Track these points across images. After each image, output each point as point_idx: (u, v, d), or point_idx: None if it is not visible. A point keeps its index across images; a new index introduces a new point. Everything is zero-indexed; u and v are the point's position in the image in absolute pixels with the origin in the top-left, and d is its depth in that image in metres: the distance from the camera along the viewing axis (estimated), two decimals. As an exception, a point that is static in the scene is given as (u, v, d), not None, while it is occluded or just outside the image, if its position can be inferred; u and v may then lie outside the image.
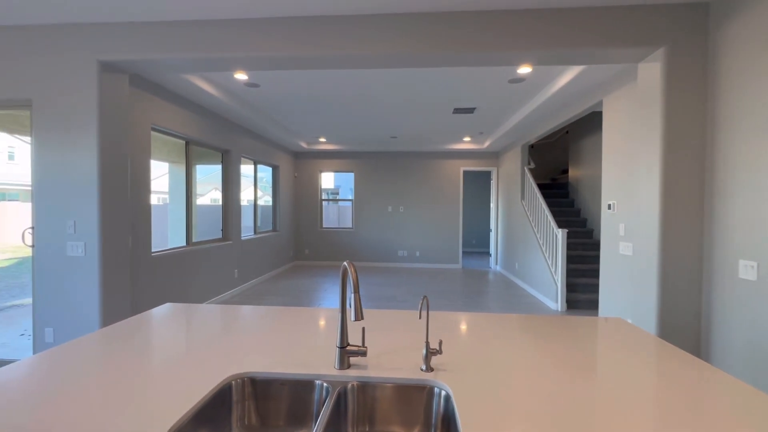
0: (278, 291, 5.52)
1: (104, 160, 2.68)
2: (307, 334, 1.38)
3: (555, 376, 1.07)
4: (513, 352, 1.24)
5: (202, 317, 1.58)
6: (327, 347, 1.25)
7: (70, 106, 2.64)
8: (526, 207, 5.95)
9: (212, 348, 1.23)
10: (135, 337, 1.32)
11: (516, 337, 1.37)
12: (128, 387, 0.97)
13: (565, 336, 1.40)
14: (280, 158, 7.08)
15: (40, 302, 2.70)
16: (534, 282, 5.45)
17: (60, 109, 2.65)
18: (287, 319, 1.59)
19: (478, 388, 0.99)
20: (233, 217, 5.20)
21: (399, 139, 7.05)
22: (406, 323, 1.57)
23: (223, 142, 4.87)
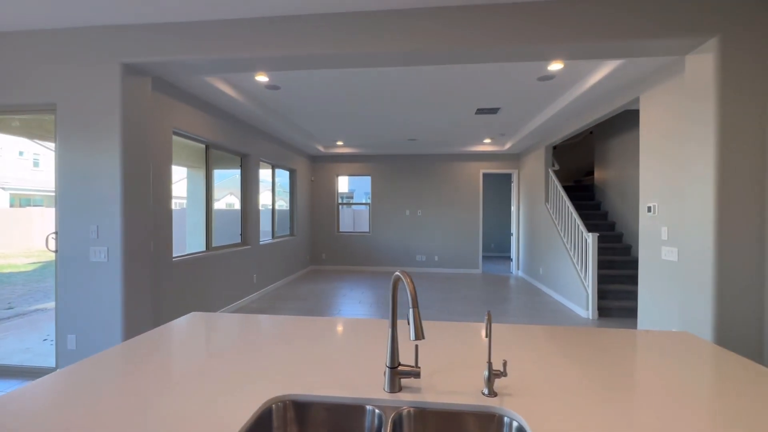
0: (297, 296, 5.44)
1: (127, 165, 2.64)
2: (350, 350, 1.26)
3: (640, 401, 0.92)
4: (583, 371, 1.10)
5: (231, 328, 1.48)
6: (373, 366, 1.13)
7: (93, 109, 2.61)
8: (550, 210, 5.74)
9: (248, 365, 1.12)
10: (162, 351, 1.23)
11: (581, 354, 1.23)
12: (158, 412, 0.87)
13: (633, 352, 1.25)
14: (297, 162, 7.05)
15: (63, 308, 2.66)
16: (561, 288, 5.23)
17: (83, 113, 2.62)
18: (324, 332, 1.47)
19: (554, 417, 0.86)
20: (252, 221, 5.15)
21: (417, 142, 6.93)
22: (453, 336, 1.43)
23: (242, 145, 4.84)
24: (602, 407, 0.90)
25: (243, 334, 1.41)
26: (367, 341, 1.34)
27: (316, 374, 1.06)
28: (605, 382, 1.03)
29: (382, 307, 4.82)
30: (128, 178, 2.65)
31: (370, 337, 1.40)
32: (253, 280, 5.21)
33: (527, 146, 6.70)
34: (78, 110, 2.62)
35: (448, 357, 1.20)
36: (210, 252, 4.19)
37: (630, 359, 1.19)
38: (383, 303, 5.06)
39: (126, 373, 1.06)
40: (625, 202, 5.41)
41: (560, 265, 5.23)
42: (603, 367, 1.13)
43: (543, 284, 5.96)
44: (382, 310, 4.71)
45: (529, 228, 6.75)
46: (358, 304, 4.98)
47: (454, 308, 4.81)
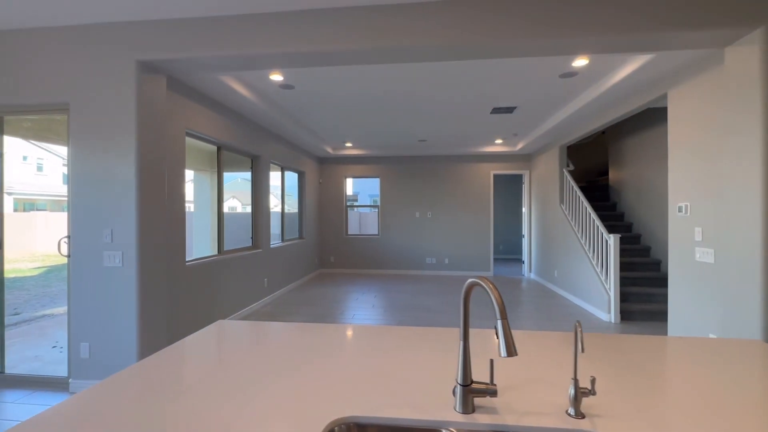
0: (309, 300, 5.33)
1: (143, 166, 2.54)
2: (411, 364, 1.15)
3: (753, 425, 0.81)
4: (669, 387, 0.98)
5: (267, 340, 1.37)
6: (439, 382, 1.02)
7: (107, 109, 2.52)
8: (566, 211, 5.63)
9: (299, 382, 1.02)
10: (196, 367, 1.12)
11: (658, 368, 1.11)
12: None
13: (713, 364, 1.13)
14: (305, 164, 6.96)
15: (76, 315, 2.56)
16: (579, 291, 5.11)
17: (97, 113, 2.53)
18: (377, 342, 1.36)
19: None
20: (263, 224, 5.06)
21: (427, 143, 6.83)
22: (520, 347, 1.30)
23: (253, 147, 4.75)
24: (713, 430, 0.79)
25: (283, 346, 1.30)
26: (427, 354, 1.23)
27: (377, 392, 0.96)
28: (701, 400, 0.92)
29: (397, 312, 4.70)
30: (144, 180, 2.55)
31: (430, 348, 1.29)
32: (264, 284, 5.10)
33: (540, 146, 6.59)
34: (92, 110, 2.53)
35: (521, 371, 1.09)
36: (222, 256, 4.09)
37: (716, 372, 1.08)
38: (397, 307, 4.94)
39: (158, 393, 0.95)
40: (644, 203, 5.29)
41: (578, 267, 5.11)
42: (690, 383, 1.02)
43: (558, 287, 5.83)
44: (396, 314, 4.59)
45: (542, 230, 6.63)
46: (371, 309, 4.86)
47: (476, 313, 4.69)
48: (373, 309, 4.84)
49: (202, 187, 4.44)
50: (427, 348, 1.28)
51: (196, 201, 4.43)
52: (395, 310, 4.76)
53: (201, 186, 4.41)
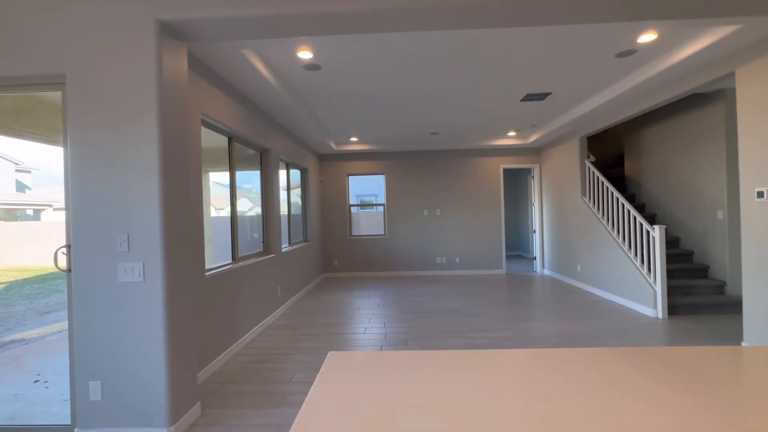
0: (324, 309, 4.84)
1: (167, 154, 2.02)
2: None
3: None
4: None
5: (417, 373, 0.93)
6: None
7: (119, 81, 1.98)
8: (591, 204, 5.43)
9: None
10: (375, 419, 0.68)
11: None
12: None
13: None
14: (308, 161, 6.44)
15: (83, 345, 2.00)
16: (612, 286, 4.90)
17: (105, 87, 1.98)
18: (569, 370, 0.93)
19: None
20: (274, 226, 4.52)
21: (437, 137, 6.49)
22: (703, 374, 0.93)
23: (263, 139, 4.21)
24: None
25: (439, 379, 0.87)
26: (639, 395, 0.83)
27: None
28: None
29: (430, 318, 4.30)
30: (169, 171, 2.03)
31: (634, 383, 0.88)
32: (278, 293, 4.57)
33: (554, 138, 6.39)
34: (97, 83, 1.98)
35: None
36: (237, 264, 3.55)
37: None
38: (427, 313, 4.54)
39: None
40: (670, 194, 5.16)
41: (611, 261, 4.91)
42: None
43: (583, 282, 5.63)
44: (432, 320, 4.19)
45: (558, 224, 6.44)
46: (400, 315, 4.44)
47: (502, 314, 4.37)
48: (403, 315, 4.42)
49: (207, 187, 3.89)
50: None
51: (207, 203, 3.86)
52: (428, 316, 4.36)
53: (206, 186, 3.86)
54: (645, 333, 3.58)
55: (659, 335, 3.51)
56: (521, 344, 3.34)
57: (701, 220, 4.64)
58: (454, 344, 3.39)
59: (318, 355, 3.23)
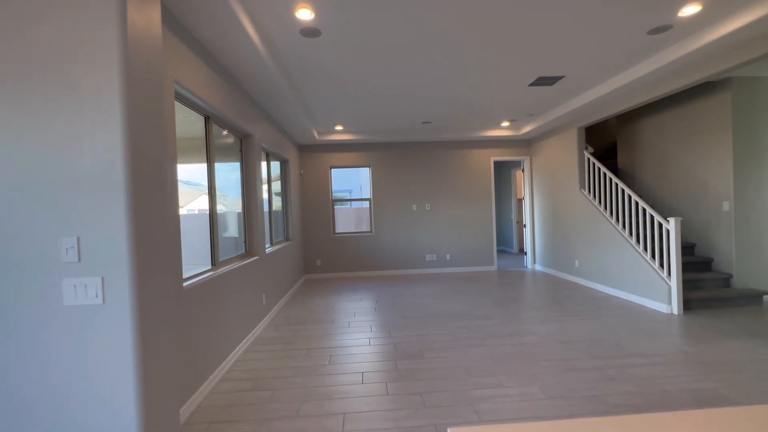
0: (316, 318, 4.29)
1: (133, 126, 1.43)
2: None
3: None
4: None
5: None
6: None
7: (60, 28, 1.36)
8: (591, 197, 5.25)
9: None
10: None
11: None
12: None
13: None
14: (289, 151, 5.81)
15: (6, 397, 1.38)
16: (618, 282, 4.73)
17: (40, 35, 1.36)
18: None
19: None
20: (257, 225, 3.91)
21: (429, 126, 6.09)
22: None
23: (245, 122, 3.59)
24: None
25: None
26: None
27: None
28: None
29: (443, 324, 3.89)
30: (137, 150, 1.45)
31: None
32: (263, 301, 3.97)
33: (549, 129, 6.18)
34: (26, 30, 1.35)
35: None
36: (218, 270, 2.94)
37: None
38: (434, 317, 4.13)
39: None
40: (668, 186, 5.07)
41: (614, 256, 4.73)
42: None
43: (583, 278, 5.46)
44: (447, 327, 3.78)
45: (552, 218, 6.26)
46: (404, 321, 3.99)
47: (506, 315, 4.05)
48: (406, 321, 3.98)
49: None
50: None
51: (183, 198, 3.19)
52: (435, 321, 3.95)
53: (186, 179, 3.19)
54: (671, 331, 3.37)
55: (687, 333, 3.31)
56: (553, 351, 3.00)
57: (704, 211, 4.56)
58: (477, 354, 3.00)
59: (322, 376, 2.71)
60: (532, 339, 3.30)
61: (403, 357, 3.01)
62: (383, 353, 3.11)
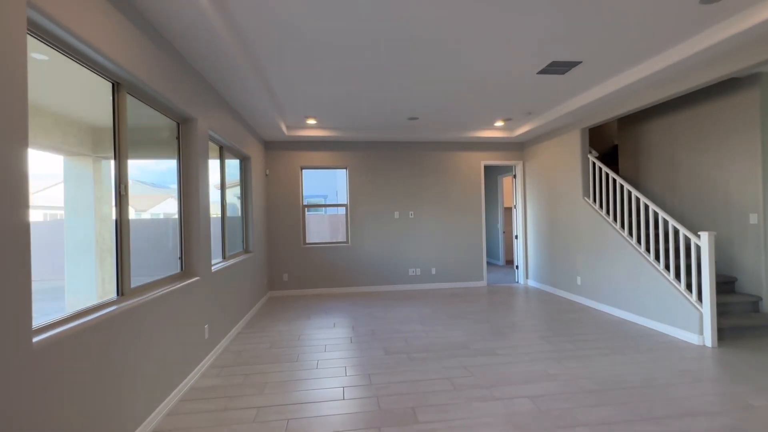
0: (273, 352, 3.41)
1: None
2: None
3: None
4: None
5: None
6: None
7: None
8: (596, 206, 4.66)
9: None
10: None
11: None
12: None
13: None
14: (251, 146, 4.92)
15: None
16: (632, 304, 4.12)
17: None
18: None
19: None
20: (200, 236, 3.01)
21: (411, 125, 5.37)
22: None
23: (183, 101, 2.71)
24: None
25: None
26: None
27: None
28: None
29: (434, 361, 3.11)
30: None
31: None
32: (205, 335, 3.06)
33: (547, 131, 5.60)
34: None
35: None
36: (126, 302, 2.03)
37: None
38: (434, 353, 3.34)
39: None
40: (679, 195, 4.56)
41: (627, 274, 4.13)
42: None
43: (586, 298, 4.85)
44: (449, 372, 3.00)
45: (548, 229, 5.66)
46: (385, 357, 3.18)
47: (539, 352, 3.33)
48: (390, 358, 3.17)
49: (80, 183, 2.31)
50: None
51: (69, 206, 2.27)
52: (426, 359, 3.17)
53: (80, 181, 2.28)
54: (719, 373, 2.74)
55: (738, 375, 2.69)
56: (586, 407, 2.28)
57: (725, 224, 4.05)
58: (489, 414, 2.23)
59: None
60: (553, 387, 2.58)
61: (389, 421, 2.20)
62: (363, 415, 2.29)
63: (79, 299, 2.14)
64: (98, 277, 2.57)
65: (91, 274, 2.36)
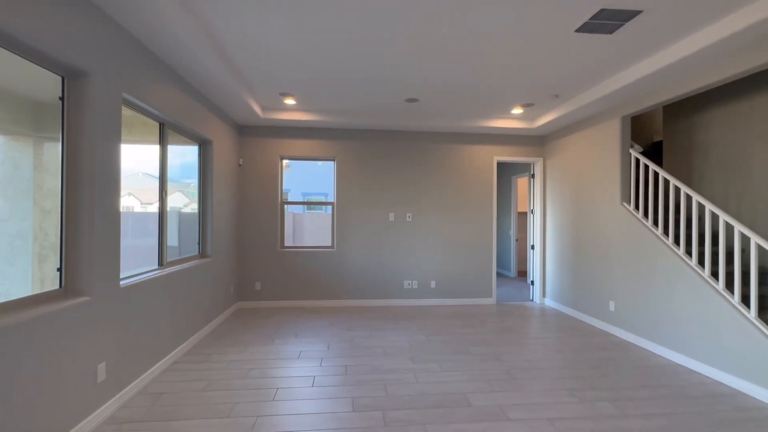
0: (195, 402, 2.53)
1: None
2: None
3: None
4: None
5: None
6: None
7: None
8: (639, 214, 3.69)
9: None
10: None
11: None
12: None
13: None
14: (214, 130, 4.05)
15: None
16: (689, 345, 3.14)
17: None
18: None
19: None
20: (95, 240, 2.15)
21: (411, 108, 4.46)
22: None
23: (66, 43, 1.84)
24: None
25: None
26: None
27: None
28: None
29: (421, 425, 2.20)
30: None
31: None
32: (98, 376, 2.19)
33: (576, 121, 4.63)
34: None
35: None
36: None
37: None
38: (419, 410, 2.43)
39: None
40: (753, 201, 3.55)
41: (686, 305, 3.15)
42: None
43: (621, 328, 3.87)
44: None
45: (574, 240, 4.68)
46: (353, 417, 2.28)
47: (555, 411, 2.39)
48: (361, 418, 2.26)
49: (13, 169, 1.58)
50: None
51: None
52: (409, 422, 2.25)
53: (12, 167, 1.57)
54: None
55: None
56: None
57: (818, 244, 3.03)
58: None
59: None
60: (599, 498, 1.64)
61: None
62: None
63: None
64: (36, 278, 2.03)
65: (27, 276, 1.89)
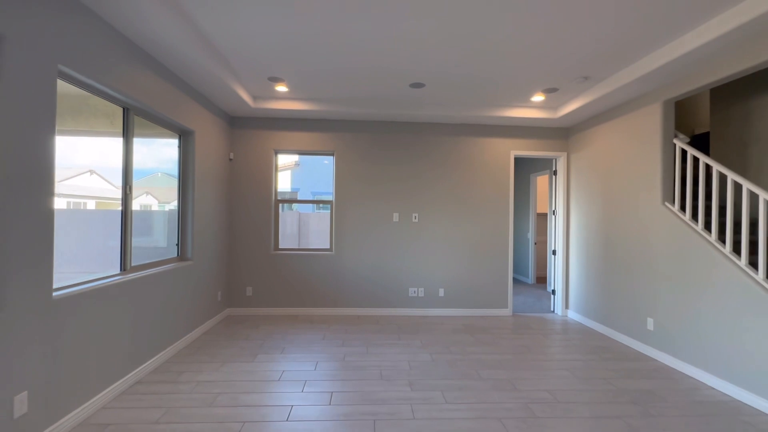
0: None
1: None
2: None
3: None
4: None
5: None
6: None
7: None
8: (686, 216, 3.09)
9: None
10: None
11: None
12: None
13: None
14: (196, 119, 3.65)
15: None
16: (752, 377, 2.55)
17: None
18: None
19: None
20: (12, 238, 1.74)
21: (415, 95, 3.96)
22: None
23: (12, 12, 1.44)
24: None
25: None
26: None
27: None
28: None
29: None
30: None
31: None
32: (14, 411, 1.78)
33: (608, 108, 4.03)
34: None
35: None
36: None
37: None
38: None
39: None
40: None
41: (745, 326, 2.55)
42: None
43: (662, 351, 3.27)
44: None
45: (603, 246, 4.09)
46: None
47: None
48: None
49: None
50: None
51: None
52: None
53: None
54: None
55: None
56: None
57: None
58: None
59: None
60: None
61: None
62: None
63: None
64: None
65: None
